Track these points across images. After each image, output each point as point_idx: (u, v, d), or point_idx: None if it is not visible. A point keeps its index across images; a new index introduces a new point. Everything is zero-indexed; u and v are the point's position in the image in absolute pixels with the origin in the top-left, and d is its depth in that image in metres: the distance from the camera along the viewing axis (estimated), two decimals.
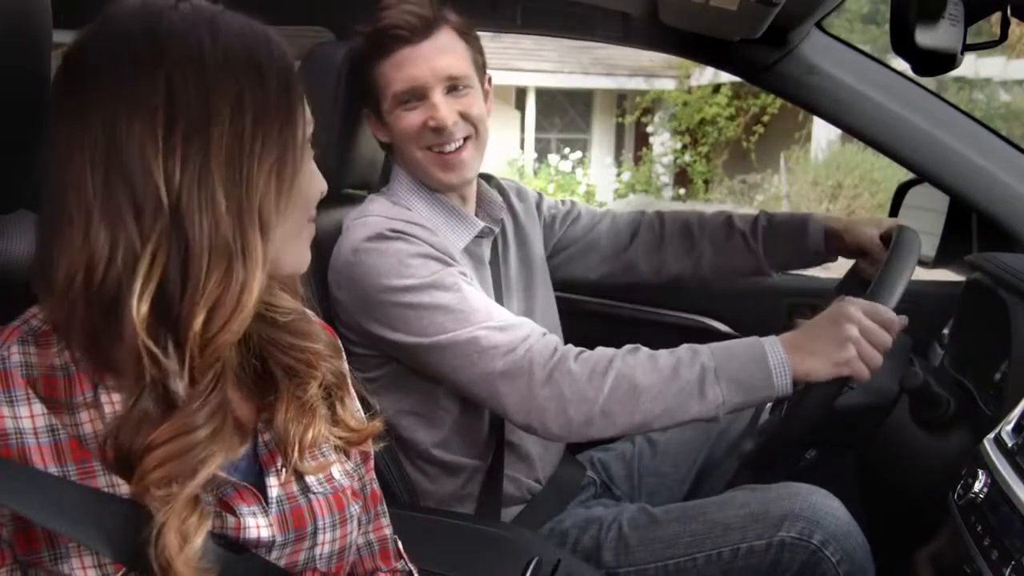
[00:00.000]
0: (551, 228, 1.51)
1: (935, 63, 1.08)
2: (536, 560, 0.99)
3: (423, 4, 1.21)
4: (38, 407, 0.64)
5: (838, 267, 1.54)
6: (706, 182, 10.95)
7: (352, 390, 0.83)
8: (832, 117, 1.48)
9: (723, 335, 1.79)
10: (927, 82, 1.47)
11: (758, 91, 8.90)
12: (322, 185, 0.74)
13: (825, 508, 1.18)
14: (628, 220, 1.54)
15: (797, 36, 1.39)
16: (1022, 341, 1.14)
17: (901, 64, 1.19)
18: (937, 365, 1.41)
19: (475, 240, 1.30)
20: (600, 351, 1.12)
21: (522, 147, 11.10)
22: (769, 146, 10.18)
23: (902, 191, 1.65)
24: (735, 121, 10.53)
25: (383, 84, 1.22)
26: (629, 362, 1.10)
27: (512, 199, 1.44)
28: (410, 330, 1.15)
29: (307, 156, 0.70)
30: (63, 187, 0.62)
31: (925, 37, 1.03)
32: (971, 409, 1.21)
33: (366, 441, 0.82)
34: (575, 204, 1.56)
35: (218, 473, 0.69)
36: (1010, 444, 0.98)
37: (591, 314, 1.84)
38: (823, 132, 9.68)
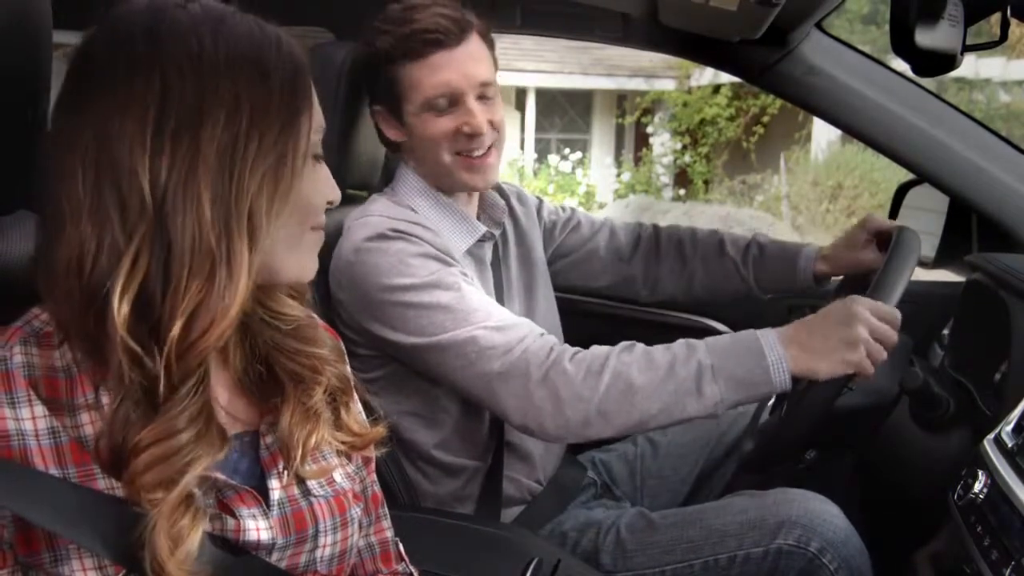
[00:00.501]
0: (551, 234, 1.51)
1: (935, 64, 1.08)
2: (536, 560, 0.99)
3: (454, 8, 1.20)
4: (39, 409, 0.64)
5: None
6: (706, 182, 10.94)
7: (356, 395, 0.83)
8: (832, 118, 1.48)
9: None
10: (927, 83, 1.47)
11: (758, 92, 8.90)
12: (331, 194, 0.73)
13: (823, 515, 1.18)
14: (627, 232, 1.54)
15: (797, 37, 1.39)
16: (1022, 341, 1.14)
17: (901, 65, 1.19)
18: (937, 365, 1.41)
19: (477, 243, 1.30)
20: (596, 350, 1.12)
21: (522, 147, 11.10)
22: (769, 146, 10.17)
23: (902, 191, 1.65)
24: (735, 122, 10.52)
25: (411, 86, 1.20)
26: (624, 360, 1.09)
27: (513, 202, 1.44)
28: (409, 329, 1.14)
29: (311, 162, 0.70)
30: (58, 184, 0.63)
31: (925, 38, 1.03)
32: (971, 409, 1.21)
33: (369, 447, 0.82)
34: (575, 212, 1.56)
35: (218, 475, 0.69)
36: (1010, 444, 0.98)
37: (591, 314, 1.84)
38: (823, 133, 9.67)
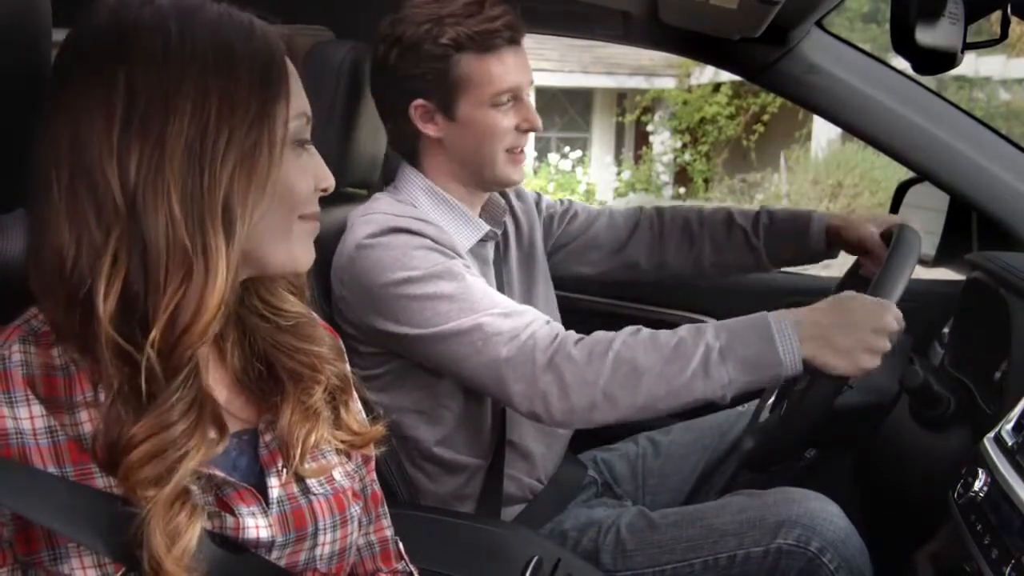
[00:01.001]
0: (549, 227, 1.51)
1: (935, 62, 1.07)
2: (536, 559, 0.99)
3: (512, 8, 1.23)
4: (37, 408, 0.64)
5: (838, 266, 1.54)
6: (706, 181, 10.94)
7: (355, 393, 0.83)
8: (832, 116, 1.48)
9: None
10: (927, 81, 1.47)
11: (758, 90, 8.89)
12: (322, 180, 0.72)
13: (823, 514, 1.18)
14: (626, 216, 1.53)
15: (797, 35, 1.39)
16: (1022, 340, 1.14)
17: (901, 63, 1.19)
18: (937, 364, 1.41)
19: (479, 242, 1.30)
20: (601, 334, 1.11)
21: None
22: (769, 145, 10.17)
23: (902, 190, 1.65)
24: (735, 120, 10.53)
25: (481, 80, 1.20)
26: (629, 344, 1.08)
27: (512, 200, 1.44)
28: (414, 321, 1.14)
29: (293, 149, 0.69)
30: (39, 186, 0.63)
31: (925, 36, 1.03)
32: (971, 408, 1.21)
33: (368, 445, 0.82)
34: (572, 203, 1.56)
35: (217, 473, 0.69)
36: (1010, 443, 0.98)
37: (591, 313, 1.84)
38: (823, 131, 9.67)
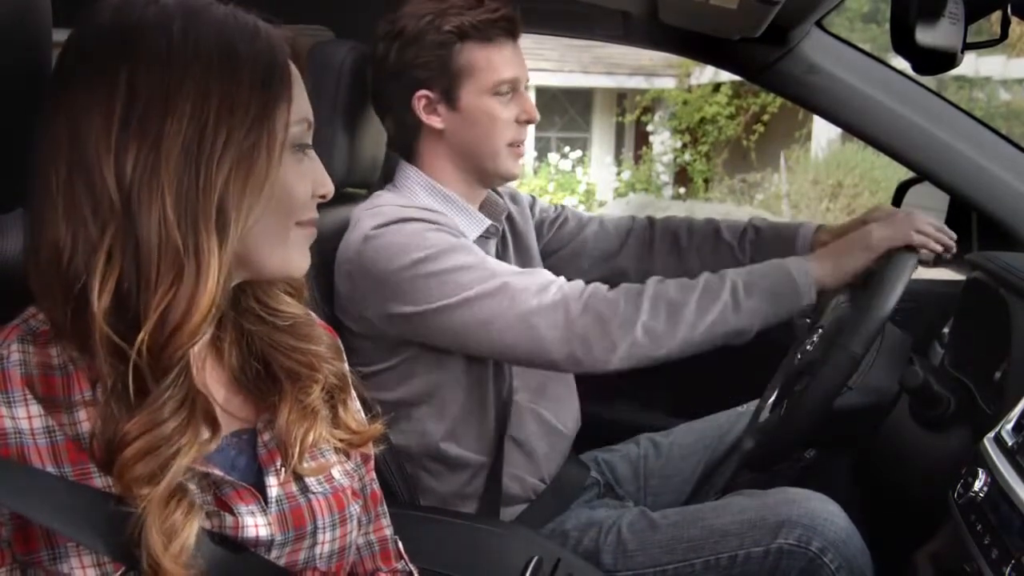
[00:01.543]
0: (540, 231, 1.52)
1: (935, 62, 1.07)
2: (536, 559, 0.99)
3: (513, 5, 1.25)
4: (35, 408, 0.64)
5: None
6: (706, 181, 10.94)
7: (354, 392, 0.83)
8: (832, 116, 1.48)
9: None
10: (927, 81, 1.47)
11: (758, 90, 8.89)
12: (321, 187, 0.72)
13: (823, 514, 1.18)
14: (617, 225, 1.53)
15: (797, 35, 1.39)
16: (1022, 340, 1.14)
17: (901, 63, 1.19)
18: (937, 364, 1.41)
19: (479, 239, 1.31)
20: (627, 284, 1.16)
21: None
22: (769, 145, 10.17)
23: (902, 190, 1.65)
24: (735, 120, 10.53)
25: (483, 67, 1.23)
26: (662, 286, 1.15)
27: (507, 202, 1.45)
28: (433, 297, 1.15)
29: (292, 154, 0.69)
30: (37, 183, 0.64)
31: (925, 36, 1.03)
32: (971, 408, 1.21)
33: (367, 444, 0.82)
34: (564, 208, 1.56)
35: (215, 472, 0.69)
36: (1010, 443, 0.98)
37: None
38: (823, 131, 9.67)
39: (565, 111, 11.76)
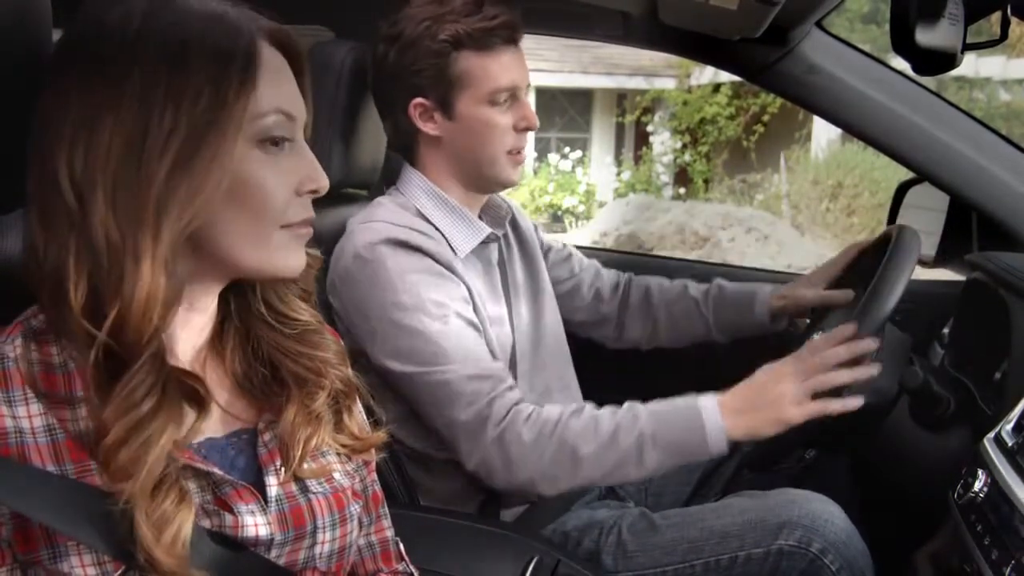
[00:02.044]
0: (546, 256, 1.53)
1: (935, 62, 1.07)
2: (536, 560, 0.99)
3: (513, 8, 1.24)
4: (35, 407, 0.64)
5: None
6: (706, 181, 10.93)
7: (358, 399, 0.83)
8: (832, 116, 1.48)
9: None
10: (927, 81, 1.47)
11: (758, 90, 8.89)
12: (310, 182, 0.70)
13: (824, 515, 1.18)
14: (610, 275, 1.58)
15: (797, 35, 1.39)
16: (1022, 340, 1.14)
17: (901, 63, 1.19)
18: (937, 364, 1.41)
19: (482, 244, 1.31)
20: (548, 414, 1.15)
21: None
22: (769, 145, 10.17)
23: (902, 190, 1.65)
24: (735, 120, 10.52)
25: (479, 77, 1.22)
26: (574, 428, 1.14)
27: (514, 210, 1.45)
28: (388, 349, 1.17)
29: (263, 150, 0.67)
30: (28, 183, 0.65)
31: (925, 36, 1.03)
32: (971, 408, 1.21)
33: (369, 451, 0.82)
34: (566, 245, 1.59)
35: (215, 471, 0.69)
36: (1010, 443, 0.98)
37: None
38: (823, 131, 9.67)
39: (565, 111, 11.76)
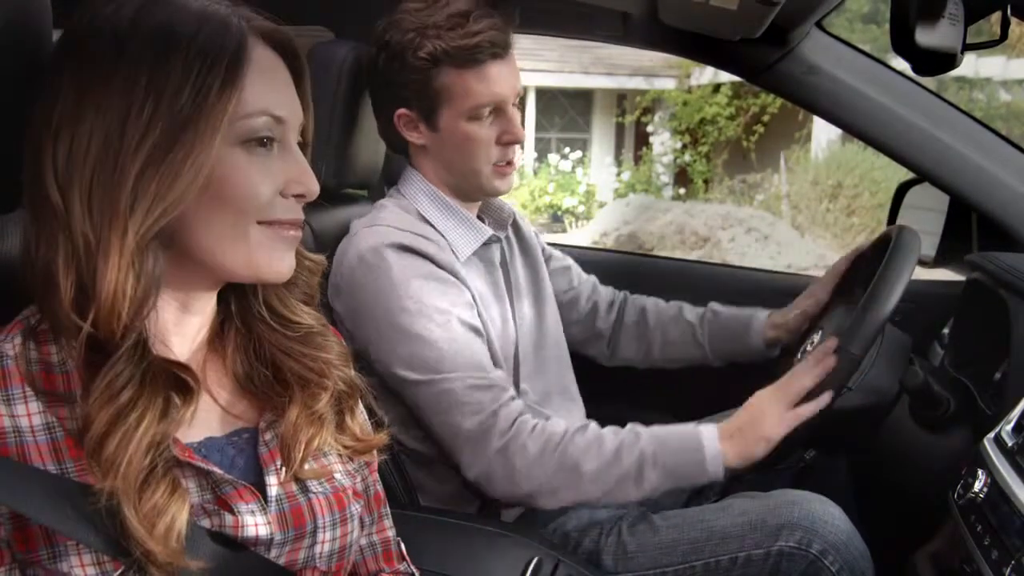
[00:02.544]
0: (547, 262, 1.53)
1: (935, 63, 1.07)
2: (536, 560, 0.99)
3: (501, 19, 1.22)
4: (35, 405, 0.64)
5: None
6: (706, 182, 10.93)
7: (360, 401, 0.83)
8: (832, 117, 1.48)
9: None
10: (927, 82, 1.47)
11: (758, 91, 8.89)
12: (295, 187, 0.69)
13: (824, 516, 1.18)
14: (607, 291, 1.59)
15: (797, 36, 1.39)
16: (1022, 341, 1.14)
17: (901, 64, 1.19)
18: (937, 365, 1.41)
19: (484, 245, 1.31)
20: (553, 428, 1.17)
21: (522, 147, 11.07)
22: (769, 146, 10.17)
23: (902, 191, 1.65)
24: (735, 121, 10.52)
25: (460, 93, 1.21)
26: (578, 444, 1.16)
27: (516, 215, 1.46)
28: (392, 355, 1.17)
29: (245, 149, 0.66)
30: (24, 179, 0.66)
31: (925, 37, 1.03)
32: (971, 408, 1.21)
33: (371, 452, 0.82)
34: (567, 257, 1.60)
35: (215, 470, 0.69)
36: (1010, 443, 0.98)
37: None
38: (823, 132, 9.67)
39: (565, 112, 11.76)
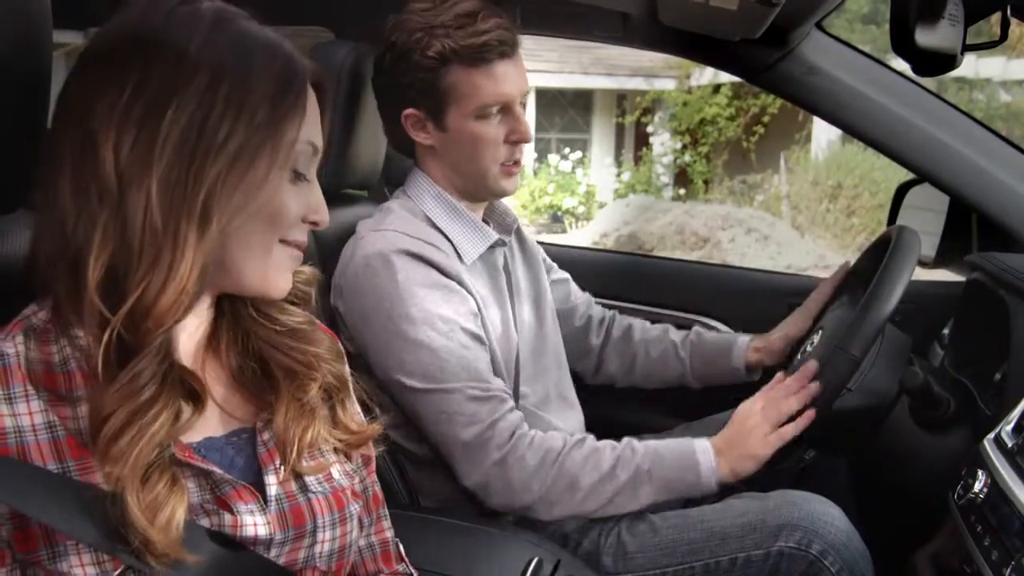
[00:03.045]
0: (547, 272, 1.53)
1: (935, 63, 1.08)
2: (536, 560, 0.99)
3: (508, 18, 1.23)
4: (36, 404, 0.65)
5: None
6: (706, 182, 10.93)
7: (353, 394, 0.84)
8: (832, 117, 1.48)
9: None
10: (927, 82, 1.47)
11: (758, 91, 8.89)
12: (314, 215, 0.73)
13: (824, 517, 1.18)
14: (599, 310, 1.60)
15: (797, 36, 1.39)
16: (1022, 341, 1.14)
17: (901, 64, 1.19)
18: (937, 365, 1.41)
19: (489, 249, 1.31)
20: (552, 441, 1.18)
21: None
22: (769, 146, 10.17)
23: (902, 191, 1.65)
24: (735, 121, 10.52)
25: (468, 92, 1.21)
26: (576, 459, 1.17)
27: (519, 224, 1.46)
28: (394, 362, 1.17)
29: (289, 177, 0.70)
30: (52, 147, 0.66)
31: (925, 37, 1.03)
32: (971, 409, 1.21)
33: (366, 444, 0.83)
34: (564, 272, 1.60)
35: (214, 470, 0.69)
36: (1010, 444, 0.98)
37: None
38: (823, 132, 9.67)
39: (565, 112, 11.76)
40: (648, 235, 8.45)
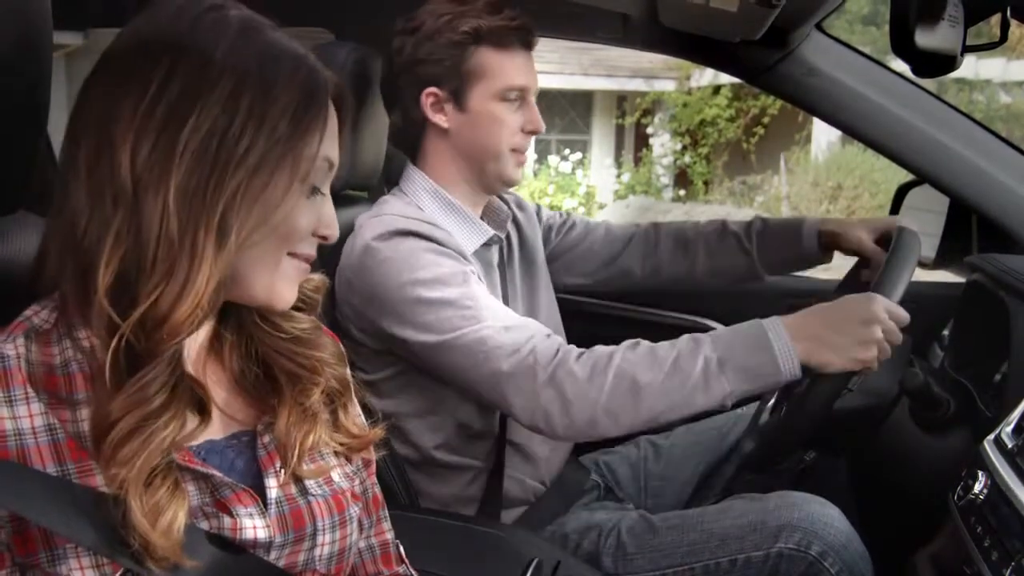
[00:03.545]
0: (548, 237, 1.54)
1: (935, 64, 1.08)
2: (536, 561, 0.99)
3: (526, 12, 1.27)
4: (36, 406, 0.64)
5: (838, 269, 1.54)
6: (706, 183, 10.94)
7: (355, 397, 0.84)
8: (832, 118, 1.48)
9: None
10: (927, 83, 1.47)
11: (758, 92, 8.90)
12: (324, 229, 0.73)
13: (824, 518, 1.18)
14: (623, 228, 1.57)
15: (797, 37, 1.39)
16: (1022, 342, 1.14)
17: (901, 65, 1.19)
18: (937, 366, 1.41)
19: (483, 246, 1.32)
20: (601, 349, 1.12)
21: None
22: (769, 147, 10.17)
23: (902, 192, 1.65)
24: (735, 122, 10.52)
25: (495, 72, 1.25)
26: (630, 359, 1.09)
27: (513, 208, 1.46)
28: (419, 325, 1.15)
29: (305, 191, 0.70)
30: (65, 154, 0.66)
31: (925, 38, 1.03)
32: (971, 410, 1.21)
33: (367, 447, 0.82)
34: (570, 215, 1.59)
35: (214, 473, 0.69)
36: (1010, 445, 0.98)
37: (591, 315, 1.84)
38: (823, 133, 9.67)
39: (565, 113, 11.76)
40: None
